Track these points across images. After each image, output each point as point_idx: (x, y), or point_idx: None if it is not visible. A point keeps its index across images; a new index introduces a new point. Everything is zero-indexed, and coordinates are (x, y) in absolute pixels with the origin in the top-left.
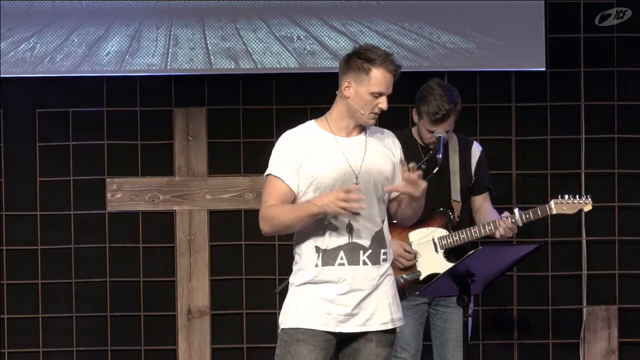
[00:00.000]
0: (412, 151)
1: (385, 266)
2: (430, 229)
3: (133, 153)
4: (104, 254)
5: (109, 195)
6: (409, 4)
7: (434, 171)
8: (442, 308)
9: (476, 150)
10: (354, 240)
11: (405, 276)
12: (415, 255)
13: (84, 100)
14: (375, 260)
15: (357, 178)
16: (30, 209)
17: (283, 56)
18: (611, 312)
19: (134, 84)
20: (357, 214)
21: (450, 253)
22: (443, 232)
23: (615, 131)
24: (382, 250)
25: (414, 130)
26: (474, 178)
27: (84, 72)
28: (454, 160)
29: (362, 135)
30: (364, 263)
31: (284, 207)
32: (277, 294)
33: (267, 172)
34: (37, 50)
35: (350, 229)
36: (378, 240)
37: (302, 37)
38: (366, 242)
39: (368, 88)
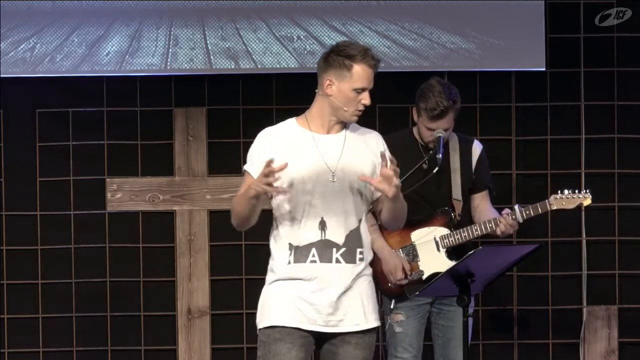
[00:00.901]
0: (412, 150)
1: (362, 266)
2: (432, 228)
3: (133, 153)
4: (104, 254)
5: (109, 195)
6: (409, 4)
7: (434, 171)
8: (446, 307)
9: (477, 148)
10: (327, 237)
11: (408, 277)
12: (406, 276)
13: (84, 100)
14: (350, 259)
15: (333, 176)
16: (30, 209)
17: (283, 56)
18: (611, 312)
19: (134, 84)
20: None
21: (452, 252)
22: (445, 231)
23: (615, 131)
24: (359, 250)
25: (415, 130)
26: (474, 175)
27: (84, 72)
28: (454, 159)
29: (342, 133)
30: (337, 261)
31: (238, 195)
32: None
33: (244, 168)
34: (37, 50)
35: (322, 226)
36: (353, 239)
37: (302, 37)
38: (340, 240)
39: (351, 84)
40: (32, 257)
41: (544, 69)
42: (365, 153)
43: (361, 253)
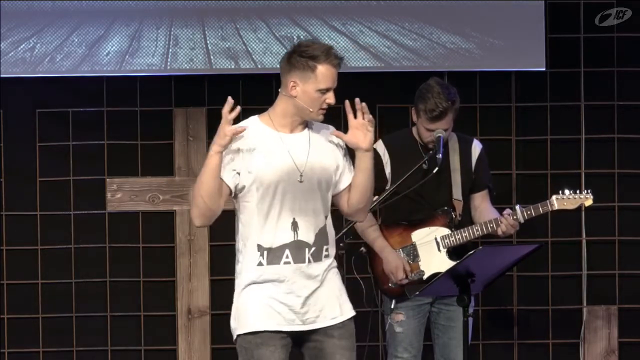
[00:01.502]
0: (411, 151)
1: (328, 261)
2: (433, 228)
3: (133, 153)
4: (104, 254)
5: (109, 195)
6: (409, 4)
7: (434, 171)
8: (446, 307)
9: (476, 148)
10: (300, 238)
11: (409, 277)
12: (407, 276)
13: (84, 100)
14: (318, 257)
15: (301, 175)
16: (30, 209)
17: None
18: (611, 312)
19: (134, 84)
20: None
21: (453, 252)
22: (445, 231)
23: (615, 131)
24: (325, 247)
25: (414, 130)
26: (474, 175)
27: (84, 72)
28: (454, 159)
29: (306, 132)
30: (309, 261)
31: (199, 177)
32: None
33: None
34: (37, 50)
35: (295, 227)
36: (321, 237)
37: (302, 37)
38: (311, 240)
39: (315, 85)
40: (32, 257)
41: (544, 69)
42: (330, 149)
43: (327, 250)
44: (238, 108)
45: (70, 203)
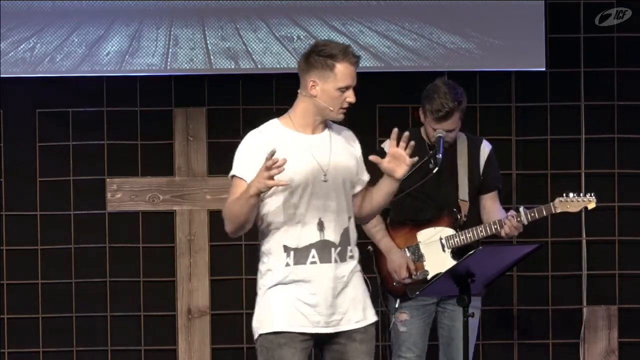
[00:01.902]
0: (419, 150)
1: (353, 263)
2: (438, 228)
3: (133, 153)
4: (104, 254)
5: (109, 195)
6: (409, 4)
7: (434, 171)
8: (450, 306)
9: (485, 148)
10: (325, 237)
11: (413, 276)
12: (410, 275)
13: (84, 100)
14: (343, 257)
15: (325, 175)
16: (30, 209)
17: (283, 56)
18: (611, 312)
19: (134, 84)
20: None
21: (457, 253)
22: (450, 231)
23: (615, 131)
24: (349, 247)
25: (422, 131)
26: (482, 176)
27: (84, 72)
28: (462, 159)
29: (326, 132)
30: (335, 261)
31: (233, 200)
32: None
33: (231, 174)
34: (37, 50)
35: (321, 226)
36: (346, 238)
37: (302, 37)
38: (336, 239)
39: (335, 84)
40: (32, 257)
41: (544, 69)
42: (349, 150)
43: (351, 251)
44: (283, 159)
45: (70, 203)
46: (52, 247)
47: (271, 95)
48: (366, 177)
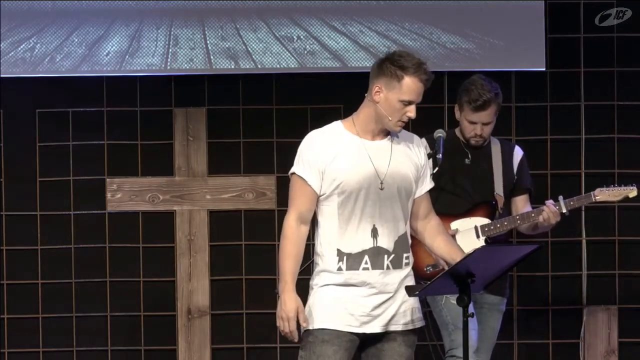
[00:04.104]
0: (455, 149)
1: (407, 270)
2: (474, 218)
3: (133, 153)
4: (104, 254)
5: (109, 195)
6: (409, 4)
7: (434, 171)
8: (486, 308)
9: (518, 152)
10: (379, 244)
11: (430, 267)
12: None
13: (84, 100)
14: (398, 264)
15: (382, 183)
16: (30, 209)
17: (283, 56)
18: (611, 312)
19: (134, 84)
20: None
21: (492, 242)
22: (486, 220)
23: (615, 131)
24: (405, 255)
25: (457, 131)
26: (516, 177)
27: (84, 72)
28: (496, 159)
29: (388, 139)
30: (388, 267)
31: (285, 254)
32: (277, 294)
33: (291, 171)
34: (37, 50)
35: (374, 233)
36: (401, 245)
37: (302, 37)
38: (390, 247)
39: (398, 95)
40: (32, 257)
41: (544, 69)
42: (410, 158)
43: (407, 258)
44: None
45: (70, 203)
46: (52, 247)
47: (271, 95)
48: (427, 186)
